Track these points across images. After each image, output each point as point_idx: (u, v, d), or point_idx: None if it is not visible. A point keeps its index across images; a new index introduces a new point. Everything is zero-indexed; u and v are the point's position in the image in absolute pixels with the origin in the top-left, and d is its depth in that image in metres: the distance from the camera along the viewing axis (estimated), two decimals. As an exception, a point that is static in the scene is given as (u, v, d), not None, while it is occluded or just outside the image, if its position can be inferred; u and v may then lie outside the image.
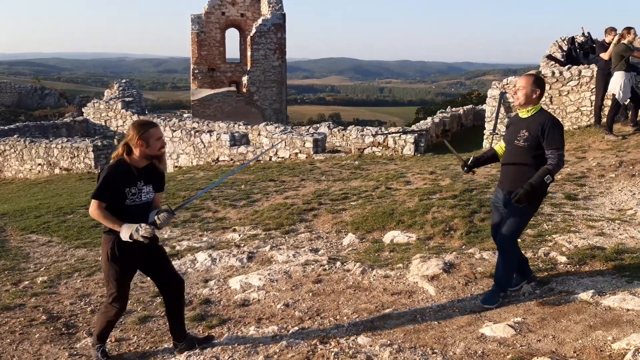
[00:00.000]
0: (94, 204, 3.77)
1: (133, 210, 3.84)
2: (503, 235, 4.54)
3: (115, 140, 20.26)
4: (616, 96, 10.46)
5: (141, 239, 3.70)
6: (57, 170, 17.31)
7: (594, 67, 11.63)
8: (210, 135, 15.30)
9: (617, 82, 10.40)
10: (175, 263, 6.48)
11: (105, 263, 3.93)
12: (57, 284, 5.95)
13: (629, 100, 10.71)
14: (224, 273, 6.10)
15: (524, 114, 4.52)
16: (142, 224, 3.71)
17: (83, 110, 25.43)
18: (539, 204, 4.63)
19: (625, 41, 10.39)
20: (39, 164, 17.77)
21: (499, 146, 4.80)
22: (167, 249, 7.09)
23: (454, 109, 19.44)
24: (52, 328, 4.78)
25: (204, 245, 7.21)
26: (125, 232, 3.71)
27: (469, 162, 4.82)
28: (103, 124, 24.21)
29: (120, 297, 3.99)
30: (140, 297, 5.43)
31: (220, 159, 15.00)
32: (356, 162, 12.33)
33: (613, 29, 11.16)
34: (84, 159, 16.85)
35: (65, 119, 24.91)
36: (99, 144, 17.04)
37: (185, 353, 4.04)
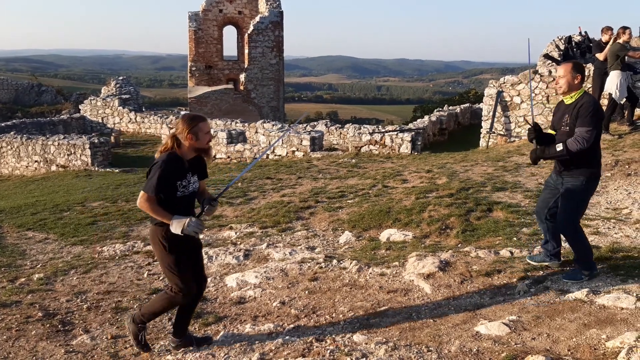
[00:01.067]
0: (144, 196, 3.78)
1: (182, 201, 3.92)
2: (559, 220, 4.71)
3: (112, 138, 20.23)
4: (612, 95, 10.49)
5: (192, 234, 3.80)
6: (53, 167, 17.28)
7: (590, 66, 11.66)
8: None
9: (613, 82, 10.43)
10: (172, 260, 6.49)
11: (162, 254, 3.94)
12: (53, 281, 5.95)
13: (625, 99, 10.74)
14: (220, 271, 6.11)
15: (568, 100, 4.65)
16: (192, 219, 3.78)
17: (80, 107, 25.40)
18: (591, 183, 4.64)
19: (620, 41, 10.42)
20: (36, 161, 17.74)
21: (552, 132, 4.85)
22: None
23: (451, 107, 19.46)
24: (48, 325, 4.78)
25: (201, 242, 7.21)
26: (177, 226, 3.77)
27: (537, 139, 4.73)
28: (100, 121, 24.18)
29: (186, 282, 3.96)
30: (136, 294, 5.44)
31: (217, 157, 14.99)
32: (353, 161, 12.34)
33: (609, 28, 11.19)
34: (80, 156, 16.82)
35: (62, 116, 24.87)
36: (96, 141, 17.00)
37: (181, 350, 4.05)
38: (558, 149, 4.49)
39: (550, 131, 4.89)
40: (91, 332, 4.65)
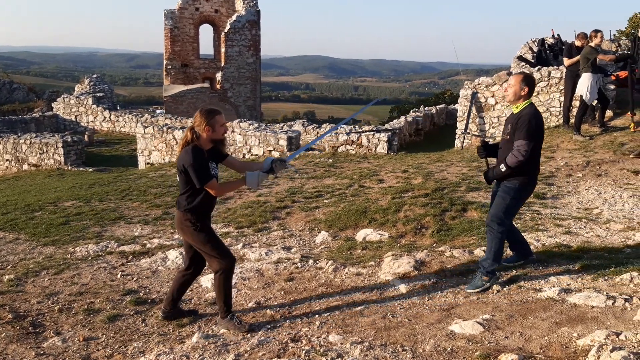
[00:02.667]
0: (210, 186, 4.20)
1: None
2: (489, 214, 4.87)
3: (85, 136, 19.92)
4: (583, 97, 10.67)
5: (278, 174, 4.46)
6: (25, 167, 16.95)
7: (562, 68, 11.85)
8: (183, 132, 15.15)
9: (584, 84, 10.61)
10: (146, 261, 6.42)
11: (193, 235, 4.33)
12: (24, 283, 5.83)
13: (595, 101, 10.94)
14: (195, 271, 6.05)
15: (514, 109, 4.78)
16: (277, 162, 4.31)
17: (53, 105, 24.96)
18: (525, 186, 4.78)
19: (592, 44, 10.61)
20: (7, 160, 17.38)
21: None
22: (137, 247, 7.01)
23: (427, 108, 19.60)
24: (18, 327, 4.68)
25: (176, 242, 7.14)
26: (254, 181, 4.21)
27: (486, 145, 5.04)
28: (73, 119, 23.80)
29: (224, 250, 4.40)
30: (109, 295, 5.36)
31: (193, 156, 14.88)
32: (330, 160, 12.35)
33: (585, 35, 11.40)
34: (53, 154, 16.53)
35: (34, 114, 24.40)
36: (69, 139, 16.73)
37: (154, 352, 4.00)
38: (502, 170, 4.67)
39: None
40: (62, 334, 4.57)
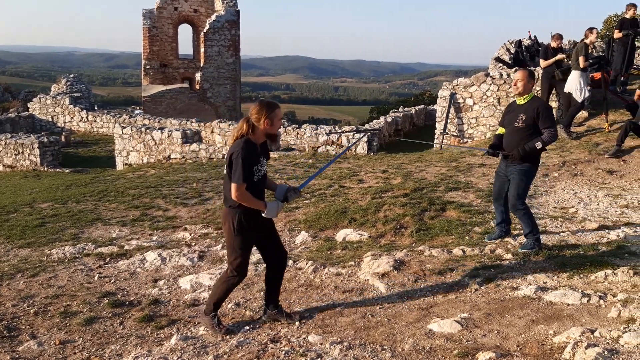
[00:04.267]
0: (239, 188, 4.00)
1: (257, 184, 4.16)
2: (512, 196, 5.60)
3: (62, 137, 19.65)
4: (574, 95, 10.66)
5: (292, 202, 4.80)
6: (0, 168, 16.65)
7: (539, 69, 12.00)
8: (162, 133, 15.03)
9: (574, 82, 10.62)
10: (124, 263, 6.36)
11: (231, 235, 4.19)
12: (-2, 286, 5.72)
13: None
14: (174, 273, 6.01)
15: (521, 101, 5.55)
16: (280, 204, 4.17)
17: (29, 105, 24.56)
18: (535, 168, 5.64)
19: (587, 41, 10.74)
20: (-19, 161, 17.06)
21: (500, 130, 5.82)
22: (115, 249, 6.94)
23: (406, 108, 19.71)
24: (-8, 331, 4.60)
25: (154, 244, 7.08)
26: (273, 211, 4.12)
27: (495, 149, 5.75)
28: (50, 119, 23.45)
29: (244, 264, 4.25)
30: (86, 297, 5.29)
31: (171, 157, 14.77)
32: (310, 161, 12.36)
33: (560, 36, 11.55)
34: (29, 155, 16.27)
35: (10, 114, 23.93)
36: (45, 140, 16.48)
37: (132, 354, 3.96)
38: (539, 146, 5.39)
39: (499, 131, 5.84)
40: (38, 337, 4.50)
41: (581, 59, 10.53)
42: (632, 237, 5.99)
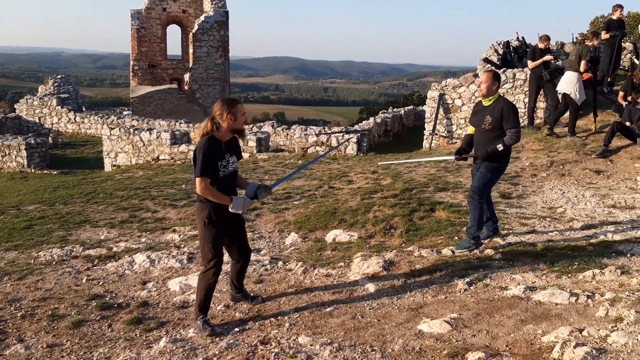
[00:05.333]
0: (202, 182, 4.15)
1: (224, 180, 4.28)
2: (473, 187, 5.72)
3: (50, 138, 19.48)
4: (572, 97, 10.64)
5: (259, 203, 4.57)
6: (-14, 169, 16.48)
7: (527, 70, 12.08)
8: (150, 134, 14.95)
9: (572, 83, 10.59)
10: (112, 265, 6.31)
11: (202, 229, 4.34)
12: (-16, 289, 5.66)
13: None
14: (163, 274, 5.97)
15: (486, 102, 5.64)
16: (248, 200, 4.32)
17: (15, 106, 24.33)
18: (502, 166, 5.75)
19: (589, 43, 10.82)
20: (-33, 163, 16.87)
21: (471, 129, 5.91)
22: (104, 251, 6.89)
23: (395, 109, 19.77)
24: (-22, 335, 4.55)
25: (143, 246, 7.04)
26: (239, 205, 4.24)
27: (461, 154, 5.87)
28: (37, 121, 23.25)
29: (217, 257, 4.34)
30: (74, 300, 5.24)
31: (160, 158, 14.69)
32: (300, 162, 12.35)
33: (547, 37, 11.62)
34: (16, 157, 16.12)
35: (-4, 116, 23.74)
36: (32, 141, 16.33)
37: (121, 357, 3.93)
38: (500, 148, 5.47)
39: (470, 130, 5.96)
40: (25, 341, 4.46)
41: (583, 62, 10.49)
42: (619, 236, 6.04)
